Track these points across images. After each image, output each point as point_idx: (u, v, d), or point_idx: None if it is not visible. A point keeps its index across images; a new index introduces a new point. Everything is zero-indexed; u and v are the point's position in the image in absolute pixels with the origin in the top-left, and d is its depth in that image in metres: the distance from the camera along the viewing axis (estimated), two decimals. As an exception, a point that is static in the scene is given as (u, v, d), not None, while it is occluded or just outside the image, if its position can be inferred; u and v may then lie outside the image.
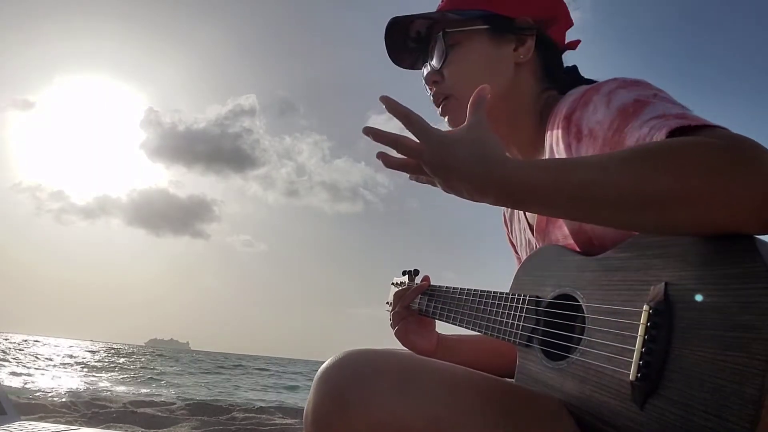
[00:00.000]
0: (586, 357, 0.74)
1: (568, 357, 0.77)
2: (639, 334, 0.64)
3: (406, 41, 1.01)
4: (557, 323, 0.81)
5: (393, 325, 1.19)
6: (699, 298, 0.62)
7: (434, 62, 0.96)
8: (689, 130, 0.63)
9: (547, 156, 0.88)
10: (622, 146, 0.70)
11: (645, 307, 0.65)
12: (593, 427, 0.70)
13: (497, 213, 1.22)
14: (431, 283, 1.20)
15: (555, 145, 0.84)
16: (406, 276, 1.29)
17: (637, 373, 0.64)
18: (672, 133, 0.63)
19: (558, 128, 0.83)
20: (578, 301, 0.77)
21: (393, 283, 1.35)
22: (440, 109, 0.97)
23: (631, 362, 0.65)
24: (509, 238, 1.17)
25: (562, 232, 0.88)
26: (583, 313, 0.76)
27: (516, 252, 1.15)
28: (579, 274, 0.79)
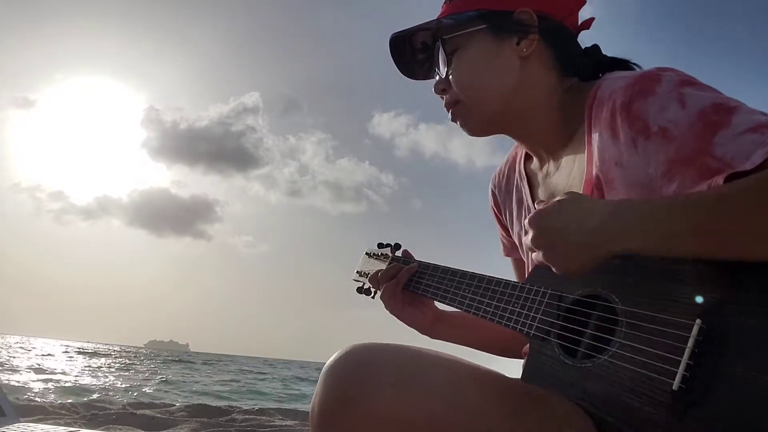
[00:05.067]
0: (619, 360, 0.71)
1: (594, 356, 0.75)
2: (688, 345, 0.63)
3: (413, 54, 1.00)
4: (582, 321, 0.78)
5: (386, 300, 1.13)
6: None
7: (440, 71, 0.96)
8: None
9: (593, 148, 0.85)
10: (711, 155, 0.70)
11: (697, 321, 0.63)
12: (617, 430, 0.69)
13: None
14: (422, 260, 1.15)
15: (609, 136, 0.81)
16: (388, 249, 1.23)
17: (681, 383, 0.62)
18: None
19: (613, 118, 0.80)
20: (611, 304, 0.75)
21: (368, 254, 1.29)
22: (450, 114, 0.96)
23: (676, 372, 0.63)
24: (497, 216, 1.14)
25: None
26: (617, 316, 0.74)
27: (508, 235, 1.13)
28: (617, 278, 0.75)
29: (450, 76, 0.94)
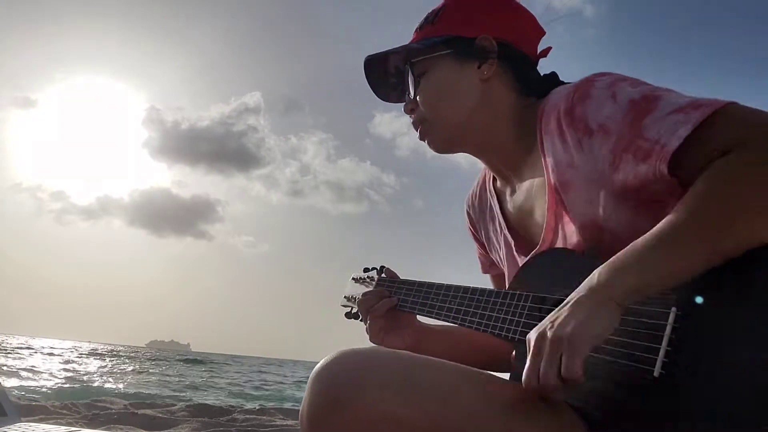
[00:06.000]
0: (601, 353, 0.73)
1: None
2: (666, 333, 0.65)
3: (387, 77, 1.08)
4: None
5: (371, 336, 1.15)
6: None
7: (409, 92, 1.04)
8: (709, 118, 0.72)
9: (547, 157, 0.90)
10: (642, 138, 0.76)
11: (673, 308, 0.66)
12: (605, 422, 0.71)
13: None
14: (406, 278, 1.18)
15: (559, 142, 0.87)
16: (374, 271, 1.26)
17: (662, 369, 0.64)
18: (697, 127, 0.72)
19: (559, 125, 0.86)
20: None
21: (354, 279, 1.31)
22: (418, 134, 1.04)
23: (656, 359, 0.65)
24: (474, 235, 1.19)
25: (570, 228, 0.89)
26: None
27: (484, 251, 1.18)
28: None
29: (417, 97, 1.02)
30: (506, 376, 1.03)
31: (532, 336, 0.73)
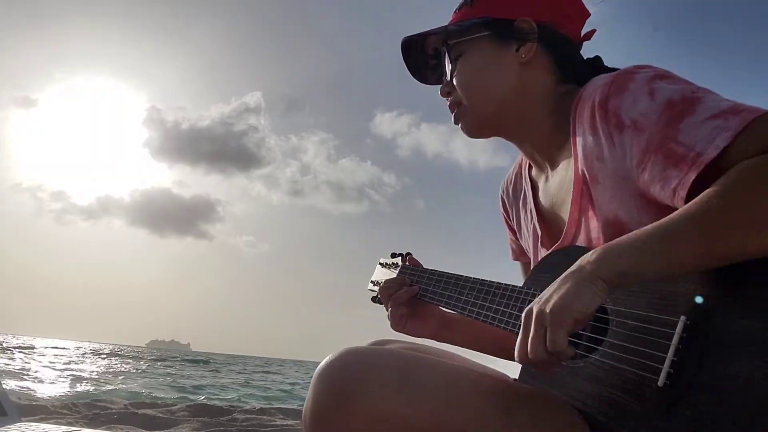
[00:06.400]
0: (609, 359, 0.73)
1: (586, 356, 0.76)
2: (673, 342, 0.64)
3: (426, 59, 1.07)
4: None
5: (391, 323, 1.16)
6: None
7: (446, 74, 1.02)
8: (749, 126, 0.67)
9: (577, 146, 0.88)
10: (675, 141, 0.72)
11: (682, 317, 0.65)
12: (608, 428, 0.70)
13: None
14: (428, 268, 1.18)
15: (590, 133, 0.85)
16: (399, 258, 1.26)
17: (666, 379, 0.63)
18: (737, 135, 0.67)
19: (592, 115, 0.83)
20: (602, 304, 0.75)
21: (381, 264, 1.33)
22: (453, 117, 1.02)
23: (661, 368, 0.64)
24: (507, 221, 1.18)
25: (593, 223, 0.87)
26: (608, 315, 0.75)
27: (515, 237, 1.17)
28: None
29: (454, 80, 1.00)
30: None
31: (522, 313, 0.73)
